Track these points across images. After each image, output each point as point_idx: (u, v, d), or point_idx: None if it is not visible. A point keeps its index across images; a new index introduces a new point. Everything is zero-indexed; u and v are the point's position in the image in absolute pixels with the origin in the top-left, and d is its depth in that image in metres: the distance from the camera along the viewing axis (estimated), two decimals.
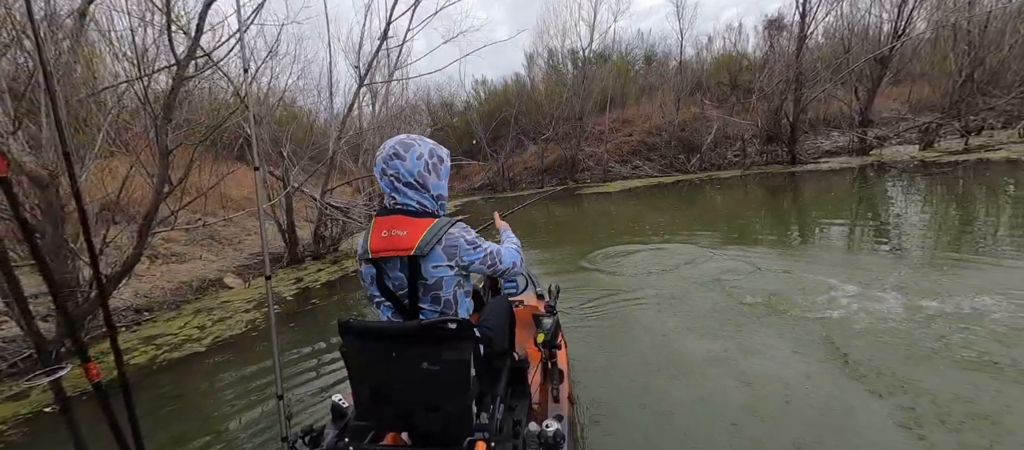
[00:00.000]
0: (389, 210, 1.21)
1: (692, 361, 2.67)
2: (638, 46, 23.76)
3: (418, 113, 25.60)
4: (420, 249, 1.12)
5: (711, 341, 2.92)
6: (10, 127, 3.31)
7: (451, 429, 1.15)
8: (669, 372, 2.56)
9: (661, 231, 7.02)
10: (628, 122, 20.05)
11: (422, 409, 1.15)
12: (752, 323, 3.13)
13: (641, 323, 3.32)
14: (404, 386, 1.15)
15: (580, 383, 2.47)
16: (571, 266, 5.34)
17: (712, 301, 3.62)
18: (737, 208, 8.96)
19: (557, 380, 1.70)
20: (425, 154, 1.23)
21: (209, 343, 3.89)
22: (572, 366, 2.25)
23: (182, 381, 3.27)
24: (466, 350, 1.11)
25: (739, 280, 4.05)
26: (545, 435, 1.20)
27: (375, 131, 11.78)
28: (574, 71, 20.15)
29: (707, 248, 5.44)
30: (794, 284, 3.79)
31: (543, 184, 19.76)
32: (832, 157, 14.07)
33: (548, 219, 11.45)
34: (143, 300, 5.29)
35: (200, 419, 2.66)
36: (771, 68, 13.63)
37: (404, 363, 1.12)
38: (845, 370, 2.41)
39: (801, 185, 10.79)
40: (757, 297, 3.59)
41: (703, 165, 15.82)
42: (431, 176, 1.24)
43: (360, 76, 6.82)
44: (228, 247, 7.56)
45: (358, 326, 1.15)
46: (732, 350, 2.76)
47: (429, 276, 1.16)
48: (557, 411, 1.57)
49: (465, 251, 1.20)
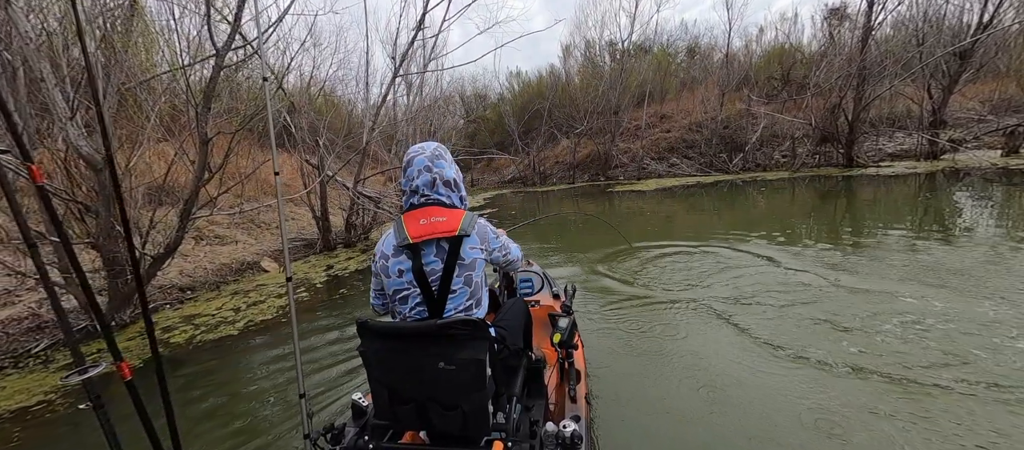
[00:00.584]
0: (418, 205, 1.31)
1: (717, 373, 2.53)
2: (681, 37, 22.70)
3: (452, 104, 25.80)
4: (463, 229, 1.22)
5: (741, 354, 2.74)
6: (68, 113, 3.51)
7: (468, 428, 1.15)
8: (692, 383, 2.46)
9: (697, 233, 6.64)
10: (666, 117, 19.23)
11: (439, 408, 1.16)
12: (789, 338, 2.90)
13: (666, 330, 3.20)
14: (421, 385, 1.17)
15: (598, 383, 2.43)
16: (597, 264, 5.18)
17: (747, 311, 3.41)
18: (783, 212, 8.34)
19: (574, 380, 1.68)
20: (453, 161, 1.40)
21: (242, 326, 4.02)
22: (589, 366, 2.20)
23: (213, 365, 3.38)
24: (482, 349, 1.13)
25: (777, 291, 3.76)
26: (562, 435, 1.20)
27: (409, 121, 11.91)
28: (611, 63, 19.52)
29: (743, 253, 5.08)
30: (843, 300, 3.44)
31: (574, 179, 19.39)
32: (896, 161, 12.83)
33: (574, 210, 11.23)
34: (188, 280, 5.59)
35: (226, 407, 2.71)
36: (830, 61, 12.47)
37: (421, 363, 1.15)
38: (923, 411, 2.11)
39: (857, 190, 9.90)
40: (797, 310, 3.31)
41: (746, 165, 14.89)
42: (460, 177, 1.41)
43: (395, 66, 6.82)
44: (266, 232, 7.88)
45: (376, 327, 1.18)
46: (763, 367, 2.57)
47: (466, 256, 1.24)
48: (574, 411, 1.56)
49: (491, 238, 1.35)
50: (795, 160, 13.66)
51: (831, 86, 12.18)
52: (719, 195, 11.34)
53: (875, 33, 12.00)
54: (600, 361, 2.73)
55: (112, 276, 4.18)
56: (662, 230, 7.27)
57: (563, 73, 22.01)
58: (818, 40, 15.72)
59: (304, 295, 5.01)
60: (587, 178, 19.44)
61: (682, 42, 22.48)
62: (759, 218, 7.72)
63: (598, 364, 2.68)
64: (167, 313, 4.64)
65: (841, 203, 8.65)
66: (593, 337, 3.12)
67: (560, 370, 1.76)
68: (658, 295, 3.92)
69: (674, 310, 3.55)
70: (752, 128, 14.84)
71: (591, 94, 18.78)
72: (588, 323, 3.34)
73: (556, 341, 1.68)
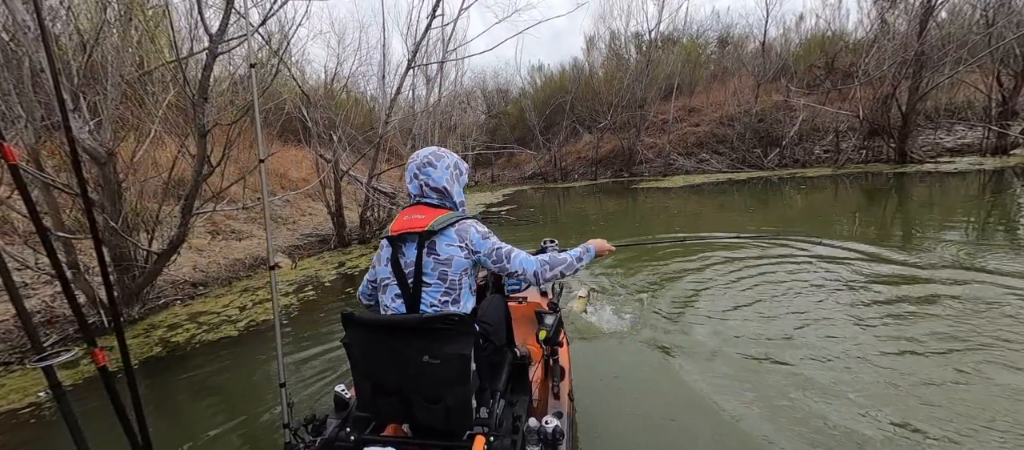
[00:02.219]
0: (411, 204, 1.38)
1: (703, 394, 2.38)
2: (712, 27, 21.60)
3: (473, 100, 25.63)
4: (432, 226, 1.24)
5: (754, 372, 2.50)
6: (70, 104, 3.42)
7: (451, 422, 1.16)
8: (678, 386, 2.45)
9: (725, 232, 6.12)
10: (695, 111, 18.34)
11: (423, 401, 1.17)
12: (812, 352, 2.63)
13: (664, 332, 3.11)
14: (405, 378, 1.17)
15: (581, 381, 2.44)
16: (611, 261, 4.87)
17: (749, 314, 3.22)
18: (823, 211, 7.63)
19: (558, 377, 1.71)
20: (451, 166, 1.39)
21: (243, 326, 3.89)
22: (573, 364, 2.25)
23: (207, 363, 3.25)
24: (466, 344, 1.15)
25: (795, 296, 3.44)
26: (545, 431, 1.21)
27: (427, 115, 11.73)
28: (637, 55, 18.76)
29: (774, 254, 4.57)
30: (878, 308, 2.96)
31: (596, 176, 18.82)
32: (956, 156, 11.61)
33: (599, 212, 10.80)
34: (200, 275, 5.56)
35: (213, 402, 2.64)
36: (882, 47, 11.34)
37: (405, 355, 1.16)
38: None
39: (910, 188, 9.00)
40: (813, 325, 2.93)
41: (783, 161, 13.93)
42: (454, 186, 1.39)
43: (409, 56, 6.59)
44: (283, 227, 7.86)
45: (361, 318, 1.20)
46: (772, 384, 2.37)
47: (442, 252, 1.25)
48: (557, 408, 1.59)
49: (475, 237, 1.29)
50: (839, 155, 12.63)
51: (883, 74, 11.07)
52: (752, 193, 10.60)
53: (935, 14, 10.83)
54: (585, 359, 2.72)
55: (119, 271, 4.13)
56: (688, 228, 6.75)
57: (586, 66, 21.39)
58: (865, 26, 14.47)
59: (311, 294, 4.85)
60: (610, 174, 18.83)
61: (713, 32, 21.40)
62: (791, 221, 7.07)
63: (582, 362, 2.66)
64: (176, 309, 4.58)
65: (892, 202, 7.84)
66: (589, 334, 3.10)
67: (545, 367, 1.80)
68: (671, 297, 3.77)
69: (675, 309, 3.47)
70: (790, 121, 13.84)
71: (616, 86, 18.11)
72: (586, 320, 3.32)
73: (542, 338, 1.71)
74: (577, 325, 3.22)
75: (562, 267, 1.35)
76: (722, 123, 16.20)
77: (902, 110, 11.06)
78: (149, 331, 3.94)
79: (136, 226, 4.05)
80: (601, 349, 2.92)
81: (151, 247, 4.05)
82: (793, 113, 13.92)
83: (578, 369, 2.44)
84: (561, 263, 1.35)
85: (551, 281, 1.35)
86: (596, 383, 2.48)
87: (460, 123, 18.82)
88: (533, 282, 1.33)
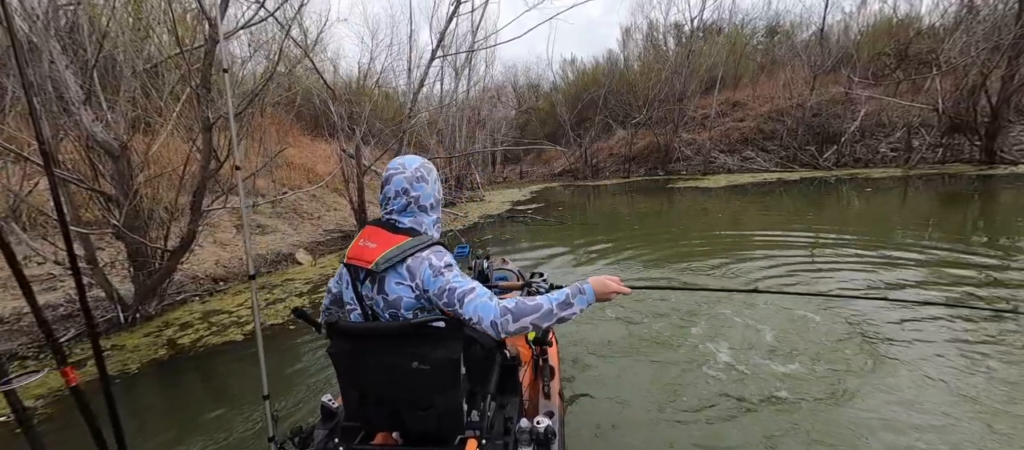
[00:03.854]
0: (378, 221, 1.24)
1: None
2: (758, 16, 20.07)
3: (503, 94, 25.28)
4: (377, 265, 1.10)
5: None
6: (82, 96, 3.33)
7: (442, 427, 1.15)
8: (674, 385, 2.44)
9: (767, 239, 5.43)
10: (740, 105, 17.09)
11: (413, 408, 1.16)
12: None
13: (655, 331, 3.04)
14: (394, 385, 1.16)
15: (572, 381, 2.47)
16: (636, 265, 4.66)
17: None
18: (886, 216, 6.69)
19: (548, 377, 1.69)
20: (436, 180, 1.29)
21: (250, 330, 3.71)
22: (562, 364, 2.24)
23: (204, 372, 3.10)
24: (455, 348, 1.12)
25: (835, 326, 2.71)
26: (536, 431, 1.20)
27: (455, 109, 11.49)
28: (677, 46, 17.69)
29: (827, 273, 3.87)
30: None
31: (630, 173, 17.99)
32: None
33: (631, 211, 10.21)
34: (222, 270, 5.53)
35: (199, 420, 2.44)
36: (970, 30, 9.77)
37: (393, 363, 1.12)
38: None
39: (999, 193, 7.79)
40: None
41: (841, 160, 12.61)
42: (436, 200, 1.27)
43: (434, 46, 6.29)
44: (307, 222, 7.83)
45: (346, 327, 1.18)
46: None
47: (390, 291, 1.13)
48: (548, 408, 1.57)
49: (426, 274, 1.11)
50: (910, 154, 11.20)
51: (970, 61, 9.54)
52: (804, 194, 9.60)
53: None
54: (578, 358, 2.71)
55: (136, 267, 4.07)
56: (727, 235, 6.07)
57: (621, 58, 20.47)
58: (941, 10, 12.72)
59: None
60: (644, 172, 17.94)
61: (761, 21, 19.85)
62: (846, 226, 6.20)
63: (574, 361, 2.66)
64: (193, 306, 4.51)
65: (974, 209, 6.76)
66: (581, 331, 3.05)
67: (534, 367, 1.78)
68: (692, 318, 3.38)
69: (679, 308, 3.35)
70: (850, 116, 12.48)
71: (653, 79, 17.16)
72: (591, 320, 3.21)
73: (531, 338, 1.73)
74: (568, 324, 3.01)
75: (534, 317, 1.03)
76: (771, 118, 14.94)
77: (992, 103, 9.59)
78: (161, 330, 3.85)
79: (154, 221, 3.96)
80: (592, 346, 2.88)
81: (166, 244, 3.95)
82: (854, 107, 12.54)
83: (568, 367, 2.53)
84: (533, 312, 1.03)
85: (517, 333, 1.05)
86: (586, 381, 2.47)
87: (489, 118, 18.50)
88: (492, 334, 1.04)
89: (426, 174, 1.23)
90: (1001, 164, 9.81)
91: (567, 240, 6.84)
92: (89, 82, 3.31)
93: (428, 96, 12.03)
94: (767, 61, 18.45)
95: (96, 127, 3.41)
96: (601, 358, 2.73)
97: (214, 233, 6.21)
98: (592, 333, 3.06)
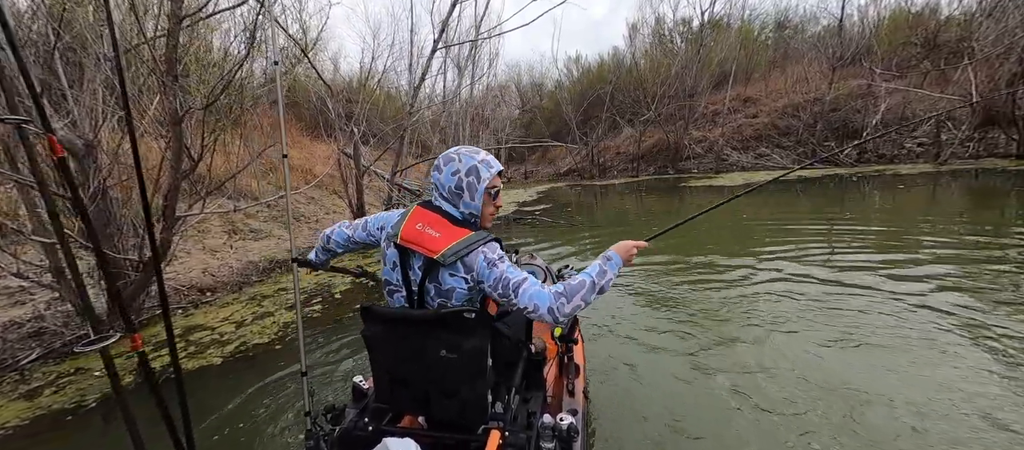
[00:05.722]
0: (433, 207, 1.23)
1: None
2: (767, 11, 19.52)
3: (507, 94, 24.88)
4: (444, 257, 1.11)
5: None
6: (37, 89, 2.93)
7: (467, 416, 1.18)
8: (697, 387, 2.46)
9: (779, 243, 4.99)
10: (752, 101, 16.55)
11: (439, 395, 1.19)
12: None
13: (672, 330, 3.05)
14: (422, 371, 1.19)
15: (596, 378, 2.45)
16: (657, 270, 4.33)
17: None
18: (913, 214, 6.17)
19: (573, 374, 1.69)
20: (462, 171, 1.21)
21: (230, 352, 3.32)
22: (588, 362, 2.22)
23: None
24: (483, 340, 1.15)
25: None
26: (559, 428, 1.22)
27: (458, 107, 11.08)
28: (684, 43, 17.17)
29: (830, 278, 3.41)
30: None
31: (638, 172, 17.49)
32: None
33: (640, 209, 9.76)
34: (210, 279, 5.14)
35: None
36: (1007, 14, 9.03)
37: (423, 349, 1.16)
38: None
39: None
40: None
41: (863, 156, 12.04)
42: (464, 194, 1.22)
43: (435, 36, 5.87)
44: (305, 225, 7.44)
45: (380, 312, 1.21)
46: None
47: (444, 282, 1.15)
48: (572, 405, 1.58)
49: (481, 266, 1.14)
50: (939, 149, 10.58)
51: (1010, 47, 8.82)
52: (823, 192, 9.08)
53: None
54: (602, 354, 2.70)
55: (108, 280, 3.68)
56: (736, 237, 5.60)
57: (628, 55, 19.97)
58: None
59: (317, 307, 4.25)
60: (653, 171, 17.44)
61: (770, 15, 19.28)
62: (866, 227, 5.70)
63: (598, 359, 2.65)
64: (174, 320, 4.12)
65: (1012, 206, 6.25)
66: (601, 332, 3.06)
67: (559, 364, 1.79)
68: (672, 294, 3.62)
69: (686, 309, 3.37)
70: (872, 109, 11.91)
71: (663, 75, 16.65)
72: (595, 323, 3.20)
73: (557, 335, 1.76)
74: (594, 321, 3.16)
75: (582, 293, 1.12)
76: (786, 112, 14.39)
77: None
78: (131, 352, 3.45)
79: (127, 229, 3.57)
80: (618, 346, 2.85)
81: (140, 254, 3.56)
82: (876, 100, 11.97)
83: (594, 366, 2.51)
84: (580, 290, 1.13)
85: (572, 314, 1.12)
86: (612, 382, 2.44)
87: (493, 117, 18.10)
88: (549, 320, 1.10)
89: (442, 164, 1.22)
90: None
91: (578, 243, 6.41)
92: (47, 73, 2.92)
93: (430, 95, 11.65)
94: (778, 56, 17.88)
95: (57, 124, 3.03)
96: (625, 361, 2.68)
97: (203, 239, 5.83)
98: (617, 331, 3.07)
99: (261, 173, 7.69)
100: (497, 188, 1.25)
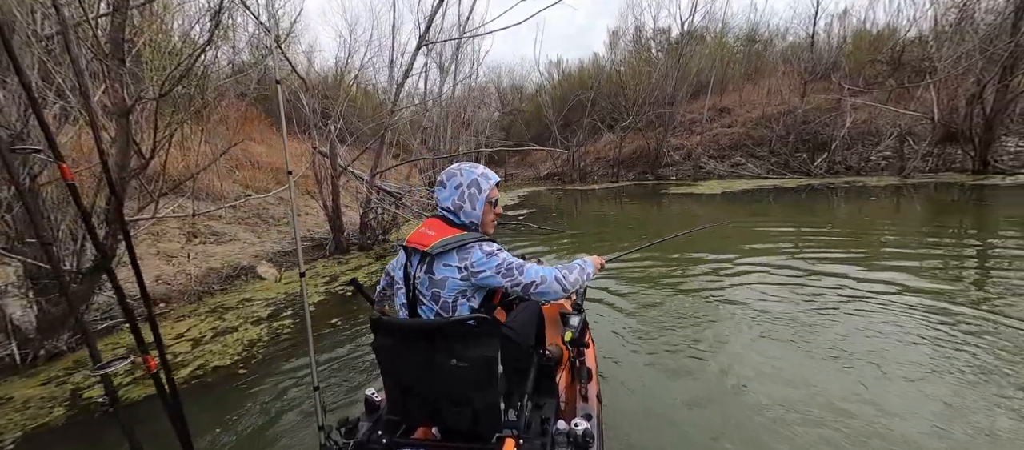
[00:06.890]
0: (438, 216, 1.35)
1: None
2: (742, 23, 20.17)
3: (487, 96, 24.62)
4: (433, 248, 1.20)
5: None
6: None
7: (480, 425, 1.18)
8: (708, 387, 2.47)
9: (752, 248, 4.99)
10: (727, 111, 17.01)
11: (450, 404, 1.19)
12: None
13: (682, 333, 3.01)
14: (433, 381, 1.19)
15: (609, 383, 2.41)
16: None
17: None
18: (880, 225, 6.39)
19: (585, 379, 1.66)
20: (465, 184, 1.31)
21: (184, 377, 2.90)
22: (600, 365, 2.20)
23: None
24: (492, 347, 1.15)
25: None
26: (574, 434, 1.21)
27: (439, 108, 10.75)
28: (661, 51, 17.47)
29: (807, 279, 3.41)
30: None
31: (619, 177, 17.61)
32: None
33: (620, 214, 9.75)
34: (164, 288, 4.63)
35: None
36: (964, 39, 9.61)
37: (433, 359, 1.17)
38: None
39: (992, 202, 7.71)
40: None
41: (833, 168, 12.53)
42: (466, 204, 1.31)
43: (421, 32, 5.57)
44: (273, 228, 6.92)
45: (389, 323, 1.21)
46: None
47: (437, 272, 1.21)
48: (586, 410, 1.55)
49: (478, 257, 1.21)
50: (903, 162, 11.11)
51: (969, 69, 9.38)
52: (796, 202, 9.34)
53: None
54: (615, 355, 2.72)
55: (38, 292, 3.19)
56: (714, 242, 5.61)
57: (608, 62, 20.16)
58: (920, 22, 12.66)
59: (287, 321, 3.86)
60: (633, 177, 17.62)
61: (743, 28, 19.93)
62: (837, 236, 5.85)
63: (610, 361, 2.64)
64: (120, 337, 3.64)
65: (968, 219, 6.58)
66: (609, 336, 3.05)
67: (571, 369, 1.78)
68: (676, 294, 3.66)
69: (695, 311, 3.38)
70: (840, 123, 12.42)
71: (643, 82, 16.86)
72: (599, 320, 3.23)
73: (567, 340, 1.71)
74: (603, 325, 3.17)
75: (577, 274, 1.32)
76: (760, 124, 14.84)
77: (986, 112, 9.58)
78: (68, 374, 2.98)
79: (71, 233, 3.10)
80: (629, 350, 2.85)
81: (78, 264, 3.09)
82: (844, 114, 12.49)
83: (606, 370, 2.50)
84: (575, 270, 1.33)
85: (574, 286, 1.28)
86: (625, 385, 2.43)
87: (474, 119, 17.80)
88: (558, 291, 1.23)
89: (445, 180, 1.32)
90: (995, 173, 9.80)
91: (560, 250, 6.24)
92: None
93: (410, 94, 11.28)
94: (751, 69, 18.48)
95: None
96: (636, 364, 2.67)
97: (157, 242, 5.28)
98: (625, 336, 3.05)
99: (226, 171, 7.12)
100: (496, 197, 1.37)
